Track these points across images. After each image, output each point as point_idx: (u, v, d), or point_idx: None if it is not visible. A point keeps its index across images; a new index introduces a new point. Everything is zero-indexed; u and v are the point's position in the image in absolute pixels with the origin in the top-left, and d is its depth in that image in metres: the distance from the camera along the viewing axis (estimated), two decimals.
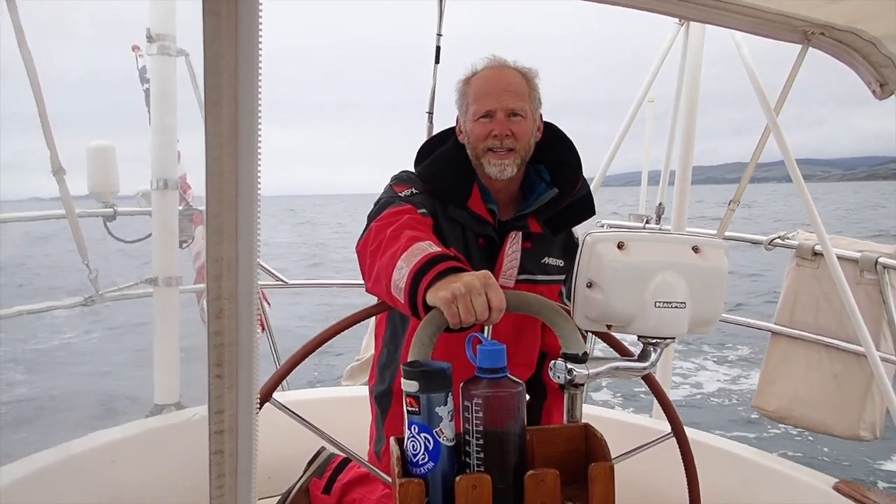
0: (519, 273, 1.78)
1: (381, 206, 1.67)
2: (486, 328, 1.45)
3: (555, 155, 1.86)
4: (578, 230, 1.93)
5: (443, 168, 1.81)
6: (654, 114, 5.30)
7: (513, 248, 1.78)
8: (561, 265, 1.88)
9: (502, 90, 1.73)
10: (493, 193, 1.81)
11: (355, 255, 1.64)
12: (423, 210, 1.70)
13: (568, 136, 1.87)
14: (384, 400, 1.91)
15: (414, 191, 1.75)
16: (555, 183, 1.83)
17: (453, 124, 1.89)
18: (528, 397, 1.57)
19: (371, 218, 1.65)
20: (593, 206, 1.89)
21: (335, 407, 2.09)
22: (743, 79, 2.69)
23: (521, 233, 1.79)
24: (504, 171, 1.74)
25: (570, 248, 1.91)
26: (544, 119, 1.85)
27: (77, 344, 11.21)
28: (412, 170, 1.87)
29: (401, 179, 1.81)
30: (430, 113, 2.71)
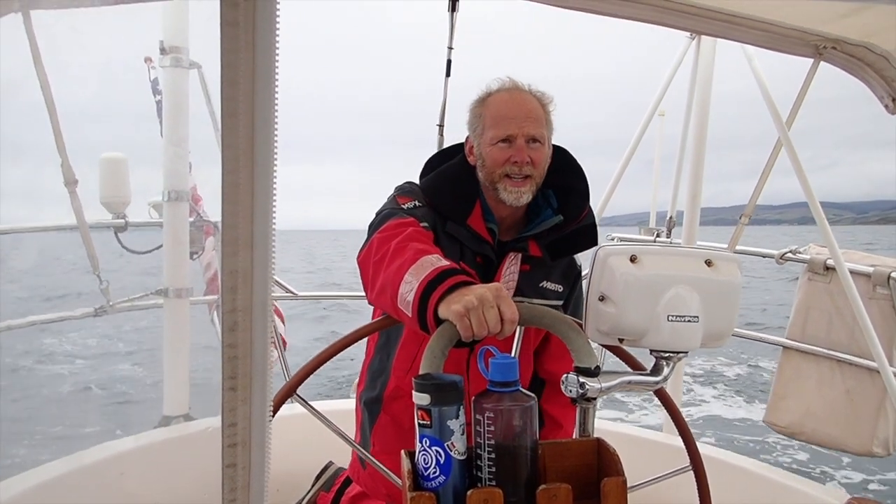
0: (514, 295, 1.74)
1: (383, 216, 1.66)
2: (515, 342, 1.44)
3: (562, 180, 1.83)
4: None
5: (446, 183, 1.79)
6: (665, 129, 5.31)
7: (510, 269, 1.76)
8: (560, 290, 1.85)
9: (524, 116, 1.70)
10: (498, 216, 1.79)
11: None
12: (425, 224, 1.68)
13: (577, 160, 1.84)
14: (374, 406, 1.88)
15: (417, 203, 1.73)
16: (561, 209, 1.81)
17: (461, 140, 1.86)
18: None
19: (373, 227, 1.64)
20: (596, 236, 1.85)
21: (343, 418, 2.09)
22: (756, 119, 2.69)
23: (520, 254, 1.77)
24: (520, 199, 1.71)
25: (570, 275, 1.89)
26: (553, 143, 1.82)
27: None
28: (417, 181, 1.85)
29: (404, 191, 1.80)
30: (441, 125, 2.71)
